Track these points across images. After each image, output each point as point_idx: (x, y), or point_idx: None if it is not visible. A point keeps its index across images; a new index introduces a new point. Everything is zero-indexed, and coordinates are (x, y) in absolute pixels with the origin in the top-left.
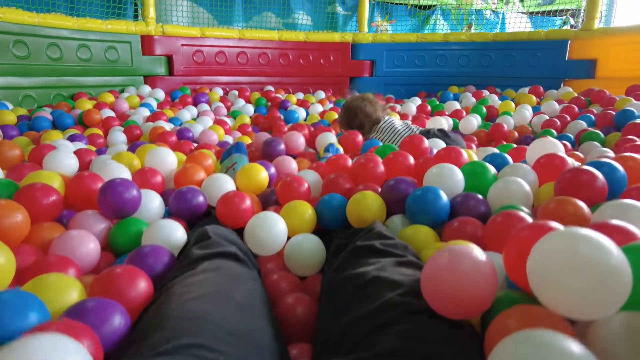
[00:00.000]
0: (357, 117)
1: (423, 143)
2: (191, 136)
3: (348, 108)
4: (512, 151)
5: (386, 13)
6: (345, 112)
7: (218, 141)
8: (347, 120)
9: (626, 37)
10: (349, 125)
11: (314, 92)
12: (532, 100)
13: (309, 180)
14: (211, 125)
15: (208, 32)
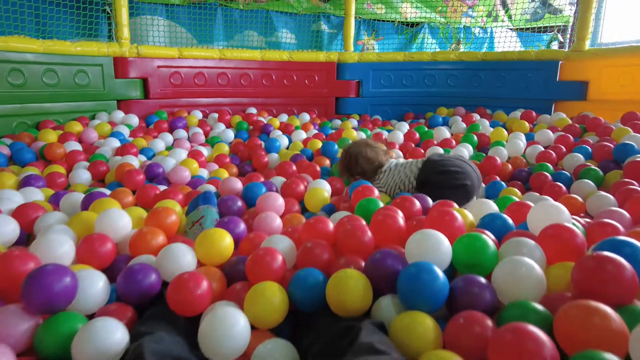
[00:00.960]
0: (359, 164)
1: (414, 204)
2: (161, 172)
3: (348, 155)
4: (513, 207)
5: (373, 30)
6: (345, 159)
7: (190, 177)
8: (347, 167)
9: (618, 58)
10: (350, 172)
11: (299, 113)
12: (524, 127)
13: (283, 248)
14: (184, 159)
15: (186, 52)
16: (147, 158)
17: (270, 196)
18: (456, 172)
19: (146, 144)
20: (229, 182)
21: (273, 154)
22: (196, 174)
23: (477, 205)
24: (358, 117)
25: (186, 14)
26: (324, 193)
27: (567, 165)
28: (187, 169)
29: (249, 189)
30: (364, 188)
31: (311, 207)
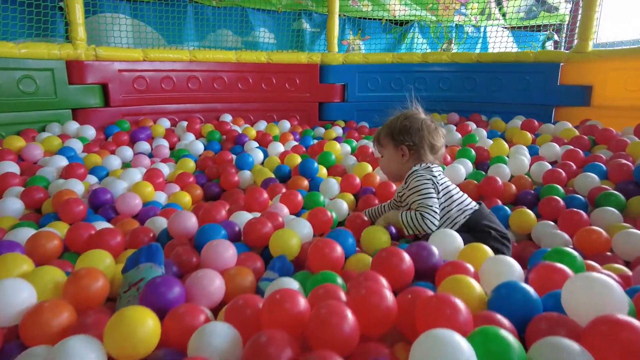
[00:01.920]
0: (419, 135)
1: (402, 263)
2: (109, 199)
3: (412, 117)
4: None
5: (358, 29)
6: (403, 121)
7: (142, 205)
8: (401, 130)
9: (625, 60)
10: (399, 135)
11: (279, 119)
12: (526, 139)
13: (222, 341)
14: (137, 181)
15: (152, 54)
16: (98, 180)
17: (217, 246)
18: (505, 233)
19: (100, 161)
20: (180, 220)
21: (245, 171)
22: (150, 199)
23: (491, 264)
24: (343, 124)
25: (153, 11)
26: (292, 240)
27: (580, 186)
28: (137, 195)
29: (201, 234)
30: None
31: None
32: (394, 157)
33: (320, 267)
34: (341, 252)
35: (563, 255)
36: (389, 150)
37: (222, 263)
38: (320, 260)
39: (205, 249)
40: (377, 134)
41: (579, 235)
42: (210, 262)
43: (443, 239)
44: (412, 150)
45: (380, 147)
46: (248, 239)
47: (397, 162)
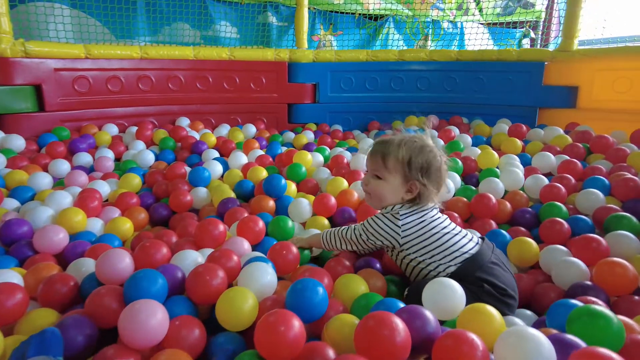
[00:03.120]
0: (437, 176)
1: (396, 334)
2: (26, 232)
3: (433, 152)
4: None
5: (330, 24)
6: (426, 154)
7: (69, 240)
8: (422, 166)
9: (613, 60)
10: (417, 170)
11: (243, 123)
12: (516, 147)
13: None
14: (65, 208)
15: (96, 50)
16: (20, 203)
17: (139, 311)
18: (505, 288)
19: (26, 180)
20: (109, 262)
21: (200, 188)
22: (81, 229)
23: (511, 341)
24: (315, 127)
25: (99, 2)
26: (246, 303)
27: (582, 205)
28: (61, 228)
29: (131, 286)
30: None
31: (230, 326)
32: (396, 189)
33: (272, 355)
34: (299, 330)
35: (596, 318)
36: (394, 178)
37: (144, 337)
38: (270, 345)
39: (123, 315)
40: (385, 152)
41: (599, 269)
42: (128, 334)
43: (438, 292)
44: (420, 191)
45: (384, 169)
46: (193, 294)
47: (395, 194)
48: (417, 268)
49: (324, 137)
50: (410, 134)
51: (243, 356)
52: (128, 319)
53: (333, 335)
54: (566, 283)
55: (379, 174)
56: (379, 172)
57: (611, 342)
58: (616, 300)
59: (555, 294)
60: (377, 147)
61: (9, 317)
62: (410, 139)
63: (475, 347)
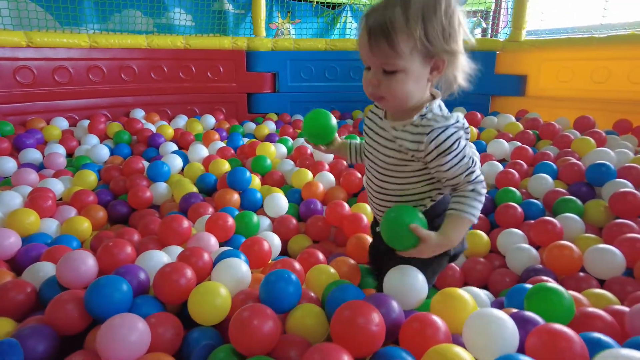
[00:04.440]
0: (456, 32)
1: (371, 324)
2: None
3: (455, 7)
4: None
5: (287, 12)
6: (432, 4)
7: (21, 243)
8: (444, 28)
9: (557, 51)
10: (441, 38)
11: (201, 113)
12: (472, 135)
13: None
14: (16, 208)
15: (39, 38)
16: None
17: (119, 327)
18: None
19: None
20: (71, 265)
21: (159, 183)
22: (35, 231)
23: (478, 322)
24: (276, 117)
25: None
26: (216, 300)
27: (534, 189)
28: (13, 231)
29: (94, 294)
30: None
31: (203, 321)
32: (419, 76)
33: (247, 350)
34: (273, 324)
35: (550, 293)
36: (412, 63)
37: (126, 354)
38: (245, 340)
39: (102, 332)
40: (390, 32)
41: (549, 253)
42: (109, 352)
43: (401, 280)
44: (448, 63)
45: (395, 57)
46: (161, 294)
47: (420, 84)
48: (412, 193)
49: (286, 127)
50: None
51: (218, 352)
52: (107, 336)
53: (295, 325)
54: (519, 267)
55: (389, 67)
56: (389, 64)
57: (564, 314)
58: (564, 278)
59: (510, 279)
60: (374, 26)
61: None
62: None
63: (438, 328)
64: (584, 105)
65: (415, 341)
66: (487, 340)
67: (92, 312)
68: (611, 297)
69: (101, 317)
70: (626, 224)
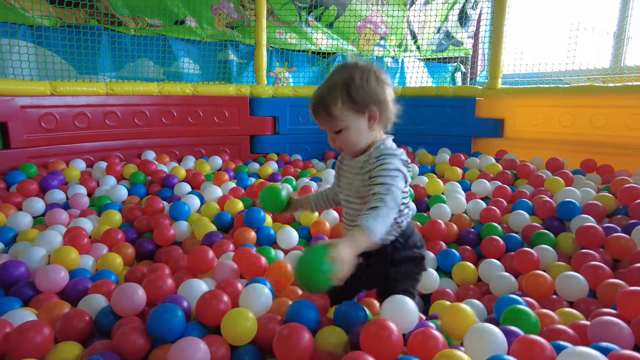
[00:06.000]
0: (384, 89)
1: (392, 335)
2: (23, 273)
3: (356, 70)
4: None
5: (286, 61)
6: (363, 75)
7: (68, 277)
8: (364, 89)
9: (529, 98)
10: (364, 97)
11: (208, 154)
12: (457, 175)
13: None
14: (58, 247)
15: (62, 87)
16: (4, 244)
17: (185, 349)
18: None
19: (4, 220)
20: (124, 297)
21: (182, 222)
22: (76, 267)
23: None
24: (276, 157)
25: (61, 38)
26: (246, 323)
27: (514, 224)
28: (61, 267)
29: (156, 319)
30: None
31: (235, 342)
32: (360, 128)
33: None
34: (309, 340)
35: (520, 314)
36: (351, 121)
37: None
38: (289, 353)
39: (173, 353)
40: (326, 106)
41: (527, 280)
42: None
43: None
44: (380, 112)
45: (336, 121)
46: (203, 317)
47: (363, 133)
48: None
49: (287, 167)
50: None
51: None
52: (178, 356)
53: (322, 343)
54: (501, 293)
55: (334, 128)
56: (334, 127)
57: (531, 328)
58: (541, 300)
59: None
60: (315, 104)
61: (38, 351)
62: (336, 75)
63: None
64: (554, 146)
65: (422, 349)
66: (483, 346)
67: (154, 335)
68: (578, 315)
69: (162, 340)
70: (590, 254)
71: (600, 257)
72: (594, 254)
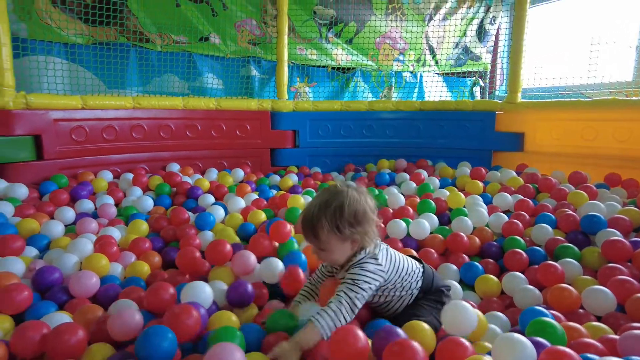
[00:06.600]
0: (366, 219)
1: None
2: (57, 278)
3: (351, 200)
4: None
5: (306, 76)
6: (346, 208)
7: (100, 283)
8: (349, 222)
9: (549, 112)
10: (346, 228)
11: (230, 166)
12: (478, 188)
13: None
14: (89, 254)
15: (92, 101)
16: (39, 251)
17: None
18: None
19: (38, 228)
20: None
21: (206, 232)
22: (106, 273)
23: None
24: (296, 170)
25: (92, 55)
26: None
27: (537, 237)
28: (93, 273)
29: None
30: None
31: None
32: (342, 250)
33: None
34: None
35: (546, 326)
36: (335, 245)
37: None
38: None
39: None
40: (314, 230)
41: (552, 293)
42: None
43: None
44: (362, 238)
45: (321, 243)
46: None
47: (345, 253)
48: (395, 298)
49: (307, 179)
50: (327, 190)
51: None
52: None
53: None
54: (525, 305)
55: (320, 247)
56: (319, 246)
57: (558, 341)
58: (566, 314)
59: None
60: (304, 226)
61: (74, 352)
62: (326, 201)
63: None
64: (577, 159)
65: (450, 357)
66: (512, 356)
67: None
68: (607, 329)
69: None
70: (617, 267)
71: (628, 271)
72: (621, 268)
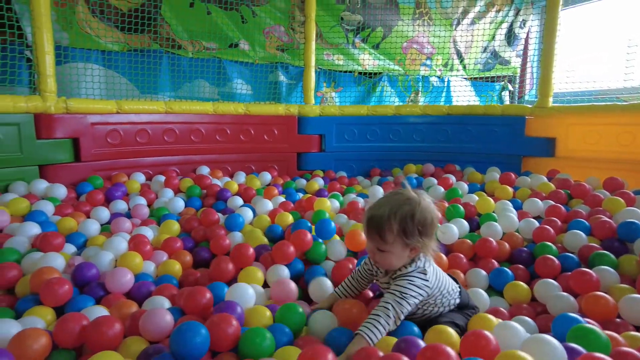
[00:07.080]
0: (431, 229)
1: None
2: (94, 274)
3: (423, 208)
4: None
5: (332, 81)
6: (416, 216)
7: (134, 280)
8: (419, 231)
9: (582, 117)
10: (413, 235)
11: (257, 170)
12: (508, 193)
13: None
14: (123, 252)
15: (127, 105)
16: (77, 248)
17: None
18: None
19: (76, 226)
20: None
21: (235, 232)
22: (139, 271)
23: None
24: (322, 174)
25: (127, 61)
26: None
27: (569, 244)
28: (128, 270)
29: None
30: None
31: None
32: (400, 255)
33: None
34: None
35: (588, 333)
36: (396, 248)
37: None
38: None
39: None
40: (380, 229)
41: (587, 301)
42: None
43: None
44: (422, 247)
45: (384, 244)
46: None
47: (401, 259)
48: (433, 313)
49: (333, 183)
50: (397, 193)
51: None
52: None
53: None
54: (559, 313)
55: (380, 248)
56: (380, 247)
57: (601, 349)
58: (602, 322)
59: None
60: (371, 224)
61: (110, 344)
62: (398, 204)
63: (490, 340)
64: (612, 165)
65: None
66: (541, 357)
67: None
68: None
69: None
70: None
71: None
72: None
